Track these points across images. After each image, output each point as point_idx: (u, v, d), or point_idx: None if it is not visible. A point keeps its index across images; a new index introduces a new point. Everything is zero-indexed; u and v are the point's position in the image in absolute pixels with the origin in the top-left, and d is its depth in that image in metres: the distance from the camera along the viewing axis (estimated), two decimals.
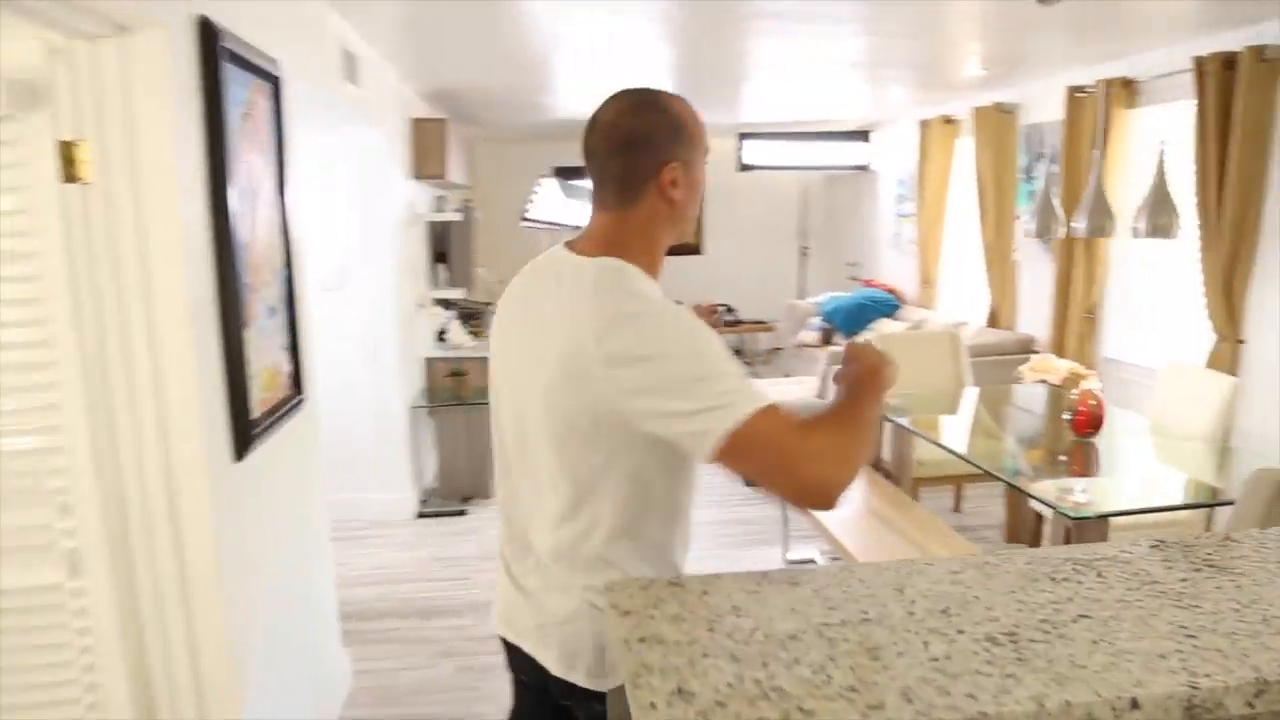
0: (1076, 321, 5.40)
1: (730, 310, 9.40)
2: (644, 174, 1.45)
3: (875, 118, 8.34)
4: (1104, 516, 2.81)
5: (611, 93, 1.51)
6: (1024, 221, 5.99)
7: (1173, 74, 4.63)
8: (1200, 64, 4.33)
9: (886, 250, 8.52)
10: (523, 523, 1.49)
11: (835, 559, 4.29)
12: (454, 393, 5.24)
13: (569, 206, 6.62)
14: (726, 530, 4.74)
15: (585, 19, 3.74)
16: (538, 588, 1.47)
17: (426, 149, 5.34)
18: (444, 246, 6.12)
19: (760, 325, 9.36)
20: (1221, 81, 4.25)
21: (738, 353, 9.57)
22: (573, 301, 1.35)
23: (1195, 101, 4.39)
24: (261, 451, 2.33)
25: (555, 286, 1.41)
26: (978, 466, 3.44)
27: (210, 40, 2.05)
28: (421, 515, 4.97)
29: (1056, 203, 3.82)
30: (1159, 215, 3.37)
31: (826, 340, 7.71)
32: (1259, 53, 4.10)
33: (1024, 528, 4.46)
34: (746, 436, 1.25)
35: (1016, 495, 4.44)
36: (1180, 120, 4.73)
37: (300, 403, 2.70)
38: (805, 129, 8.83)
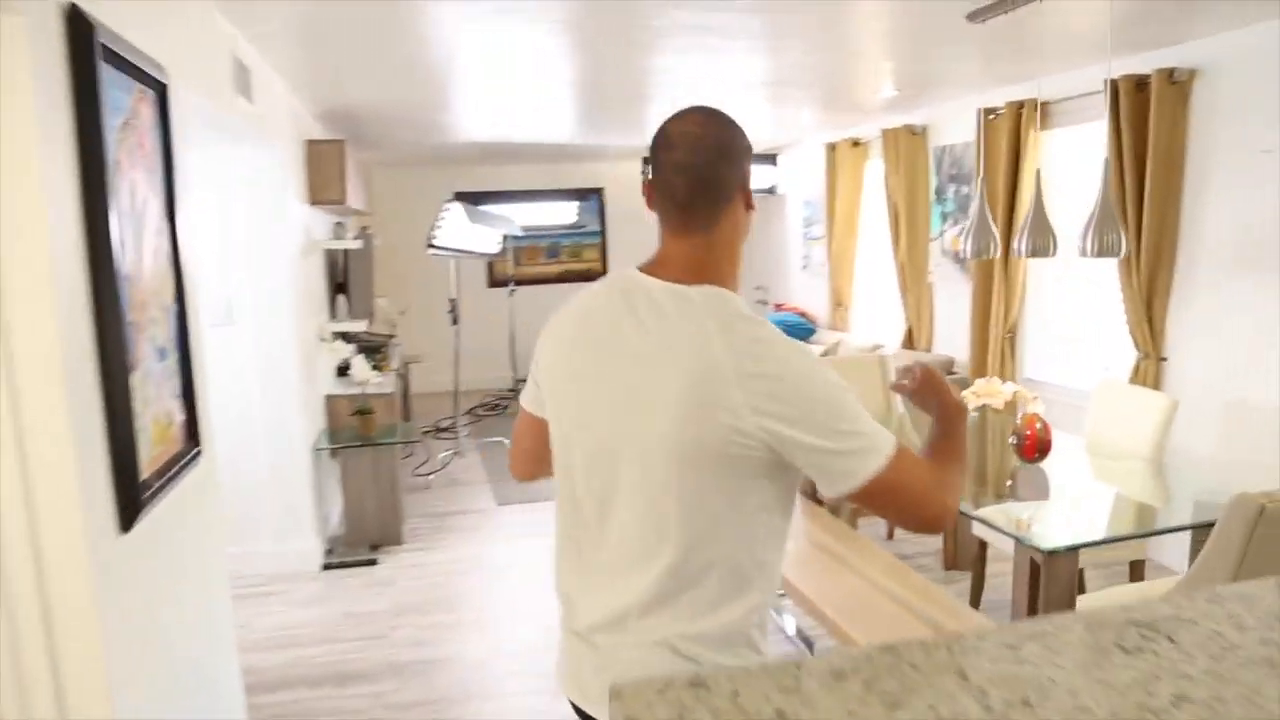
0: (997, 342, 5.40)
1: None
2: (730, 190, 1.38)
3: (781, 140, 8.32)
4: (1075, 548, 2.69)
5: (684, 109, 1.43)
6: (943, 242, 6.01)
7: (1084, 95, 4.67)
8: (1112, 86, 4.37)
9: (796, 273, 8.49)
10: (604, 572, 1.38)
11: (780, 594, 4.09)
12: (359, 432, 4.87)
13: (476, 233, 6.32)
14: None
15: (485, 28, 3.49)
16: (620, 643, 1.36)
17: (324, 172, 4.98)
18: (343, 276, 5.75)
19: None
20: (1135, 103, 4.29)
21: None
22: (694, 333, 1.29)
23: (1109, 122, 4.43)
24: (153, 518, 1.98)
25: (657, 318, 1.33)
26: None
27: (83, 34, 1.73)
28: (328, 567, 4.57)
29: (993, 222, 3.73)
30: (1105, 232, 3.31)
31: None
32: (1168, 75, 4.16)
33: (964, 555, 4.36)
34: (889, 480, 1.28)
35: (955, 521, 4.34)
36: (1094, 141, 4.78)
37: (197, 456, 2.35)
38: None
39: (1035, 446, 3.40)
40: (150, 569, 2.03)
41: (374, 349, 6.39)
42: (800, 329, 7.43)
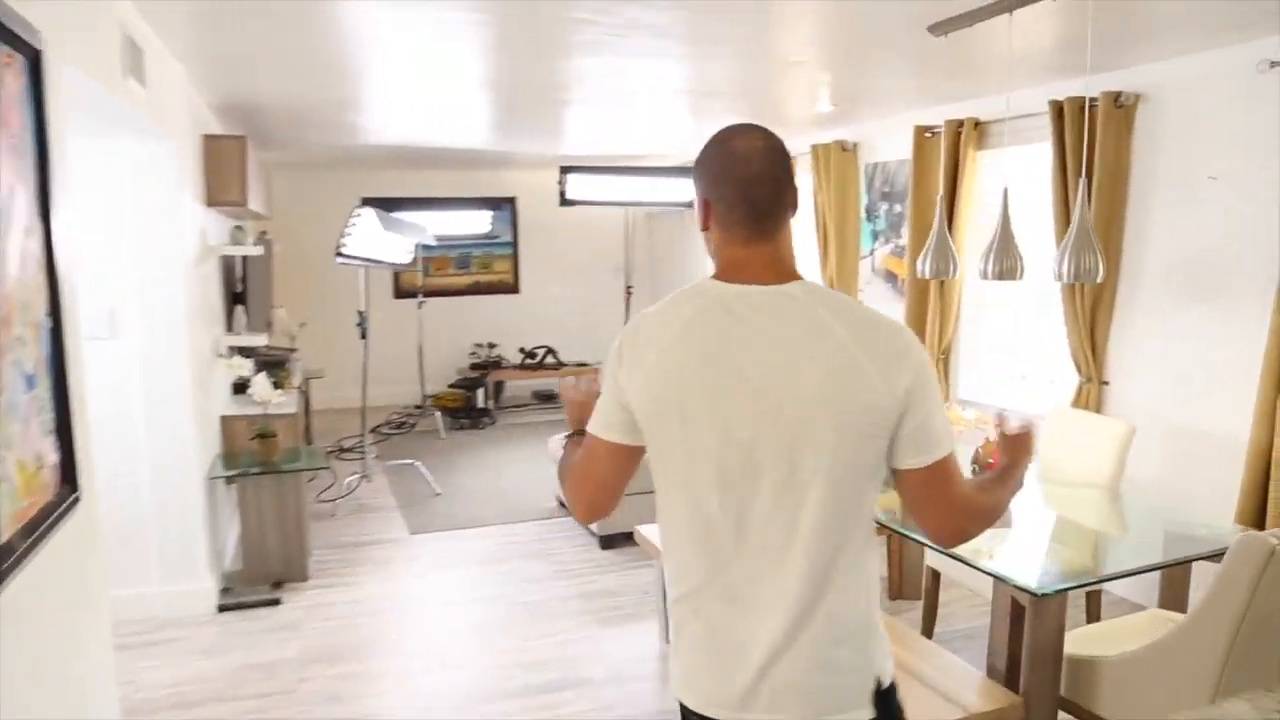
0: (933, 362, 5.27)
1: (552, 353, 8.89)
2: (794, 195, 1.47)
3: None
4: (1065, 590, 2.51)
5: (732, 126, 1.49)
6: (874, 260, 5.89)
7: (1026, 116, 4.60)
8: (1056, 107, 4.31)
9: None
10: (750, 583, 1.40)
11: None
12: (260, 458, 4.42)
13: (388, 241, 5.91)
14: (589, 605, 4.20)
15: (396, 17, 3.16)
16: (792, 657, 1.40)
17: (223, 170, 4.53)
18: (241, 286, 5.27)
19: (584, 367, 8.90)
20: (1079, 126, 4.22)
21: (552, 397, 9.06)
22: (813, 323, 1.37)
23: (1051, 144, 4.36)
24: (16, 589, 1.59)
25: (768, 319, 1.38)
26: (888, 528, 3.11)
27: None
28: (225, 608, 4.11)
29: (952, 243, 3.58)
30: (1083, 256, 3.20)
31: None
32: (1114, 98, 4.10)
33: (911, 583, 4.20)
34: (950, 466, 1.40)
35: (900, 549, 4.18)
36: (1033, 162, 4.71)
37: (74, 503, 1.95)
38: (630, 163, 8.52)
39: None
40: (12, 649, 1.63)
41: (275, 365, 5.91)
42: None
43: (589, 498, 1.53)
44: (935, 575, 3.77)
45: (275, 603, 4.20)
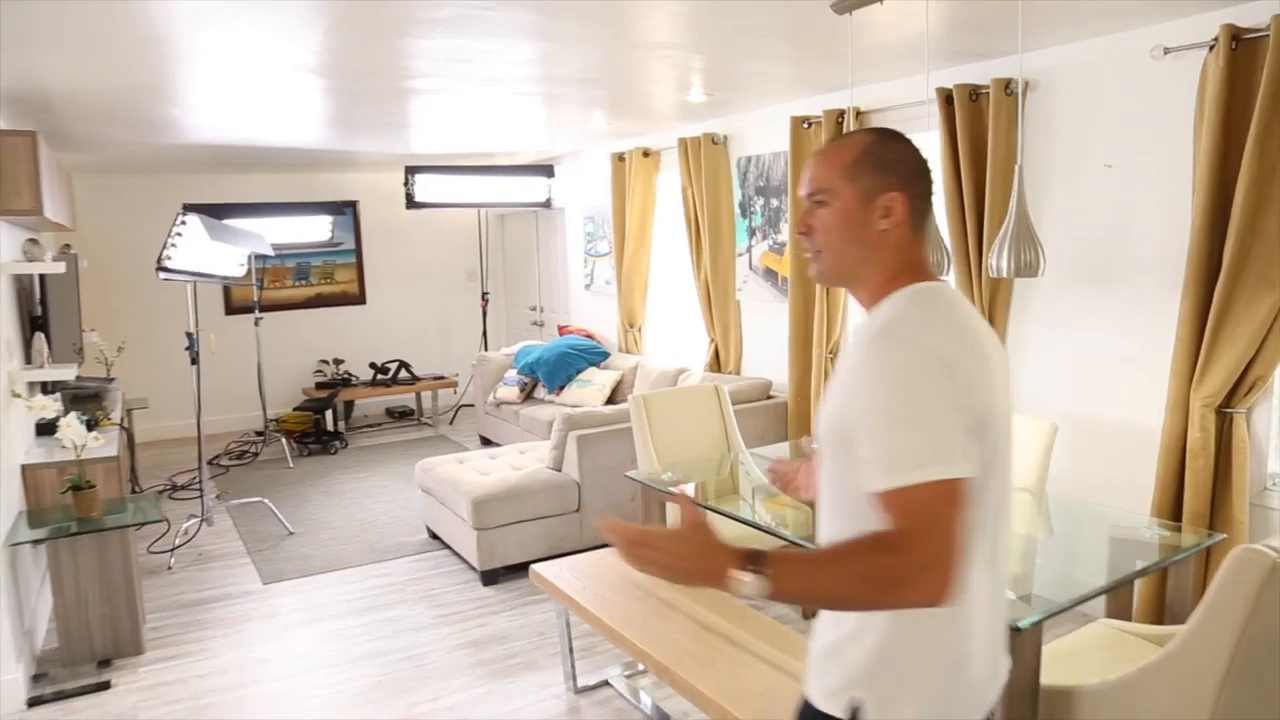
0: (820, 363, 5.10)
1: (405, 367, 8.28)
2: None
3: (559, 150, 7.75)
4: (1038, 621, 2.28)
5: (888, 129, 1.49)
6: (751, 257, 5.65)
7: (912, 105, 4.45)
8: (945, 95, 4.17)
9: (578, 293, 7.94)
10: (1002, 599, 1.44)
11: (632, 675, 3.48)
12: (76, 513, 3.73)
13: (219, 252, 5.22)
14: (482, 655, 3.74)
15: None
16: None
17: (10, 173, 3.79)
18: (41, 309, 4.50)
19: (440, 381, 8.34)
20: (969, 114, 4.10)
21: (407, 414, 8.48)
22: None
23: (941, 133, 4.23)
24: None
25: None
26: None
27: None
28: (38, 701, 3.41)
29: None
30: (1023, 250, 3.00)
31: (529, 395, 6.92)
32: (1004, 85, 3.99)
33: None
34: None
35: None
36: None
37: None
38: (481, 162, 8.03)
39: None
40: None
41: (88, 398, 5.13)
42: (593, 353, 6.87)
43: (958, 566, 1.20)
44: None
45: (104, 686, 3.53)
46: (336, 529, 5.38)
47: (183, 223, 4.90)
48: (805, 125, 5.07)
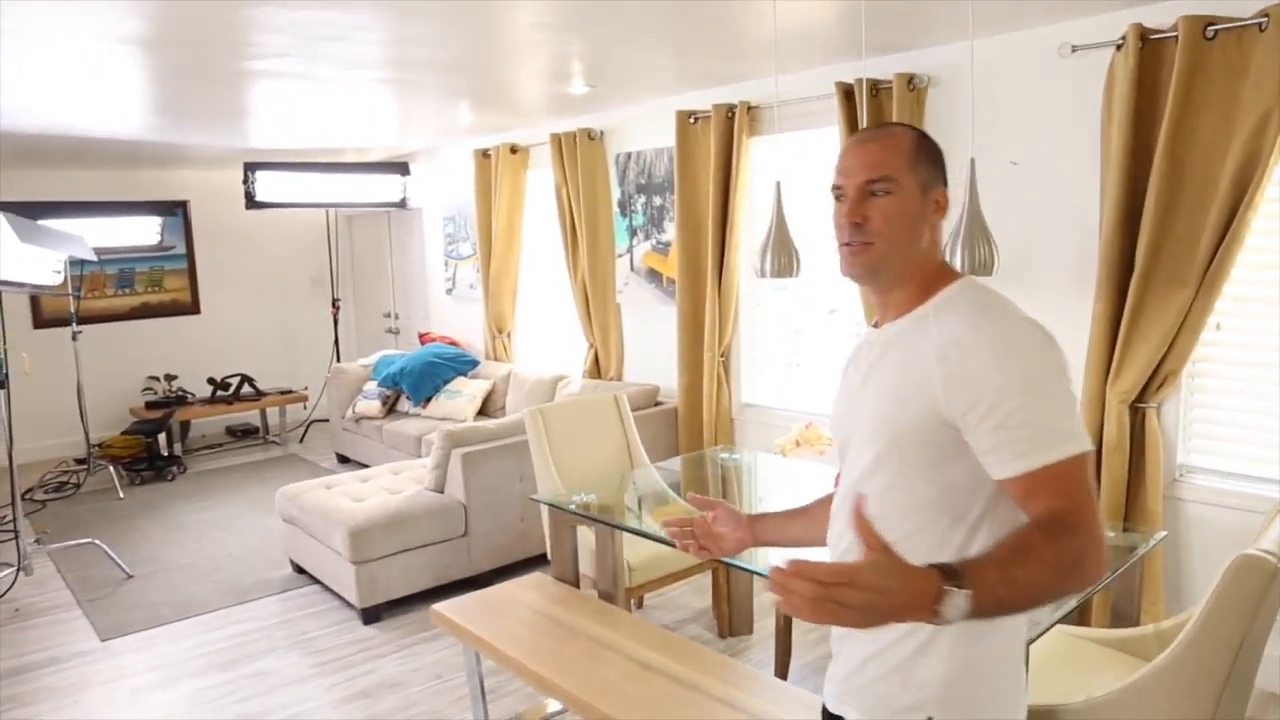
0: (711, 365, 4.91)
1: (248, 381, 7.58)
2: None
3: (413, 146, 7.27)
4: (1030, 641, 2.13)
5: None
6: (633, 258, 5.40)
7: (811, 99, 4.32)
8: (845, 90, 4.05)
9: (439, 298, 7.48)
10: None
11: (557, 715, 3.16)
12: None
13: (31, 257, 4.52)
14: (378, 708, 3.32)
15: None
16: None
17: None
18: None
19: (289, 395, 7.69)
20: (871, 109, 4.00)
21: (251, 432, 7.79)
22: None
23: (841, 129, 4.11)
24: None
25: None
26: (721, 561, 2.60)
27: None
28: None
29: (792, 238, 3.14)
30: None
31: (391, 408, 6.44)
32: (908, 81, 3.91)
33: (743, 617, 3.76)
34: None
35: (728, 580, 3.73)
36: (816, 148, 4.46)
37: None
38: (331, 159, 7.44)
39: None
40: None
41: None
42: (460, 361, 6.46)
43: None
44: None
45: None
46: (184, 569, 4.76)
47: None
48: (692, 120, 4.87)
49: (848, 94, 4.06)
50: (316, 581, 4.43)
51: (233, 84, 4.27)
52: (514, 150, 6.20)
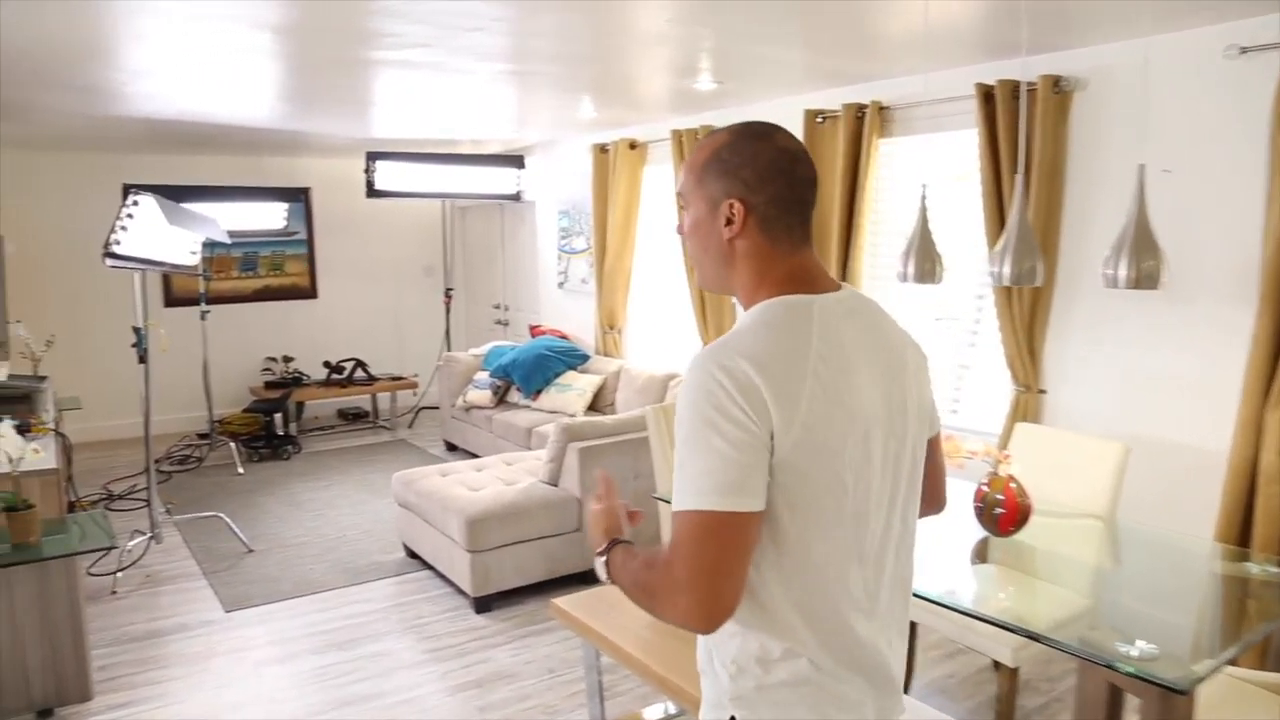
0: None
1: (361, 366, 7.76)
2: None
3: (530, 140, 7.32)
4: (1199, 680, 1.98)
5: (760, 123, 1.37)
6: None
7: (944, 101, 4.17)
8: (984, 91, 3.89)
9: (550, 291, 7.52)
10: (887, 598, 1.36)
11: (676, 718, 3.12)
12: (12, 539, 3.20)
13: (173, 238, 4.69)
14: (490, 699, 3.33)
15: None
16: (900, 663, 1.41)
17: None
18: None
19: (399, 381, 7.84)
20: (1010, 112, 3.83)
21: (362, 416, 7.96)
22: (900, 332, 1.40)
23: (979, 133, 3.95)
24: None
25: (884, 328, 1.38)
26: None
27: None
28: None
29: (935, 244, 3.03)
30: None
31: (502, 399, 6.49)
32: (1054, 83, 3.73)
33: None
34: None
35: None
36: (946, 152, 4.31)
37: None
38: (443, 149, 7.54)
39: (1015, 517, 2.73)
40: None
41: (18, 400, 4.56)
42: (572, 355, 6.47)
43: (729, 595, 1.20)
44: (910, 628, 3.22)
45: None
46: (301, 546, 4.88)
47: (134, 203, 4.36)
48: (820, 120, 4.76)
49: (987, 96, 3.91)
50: (429, 567, 4.49)
51: (361, 74, 4.34)
52: (633, 146, 6.18)
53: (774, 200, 1.30)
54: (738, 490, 1.18)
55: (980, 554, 2.96)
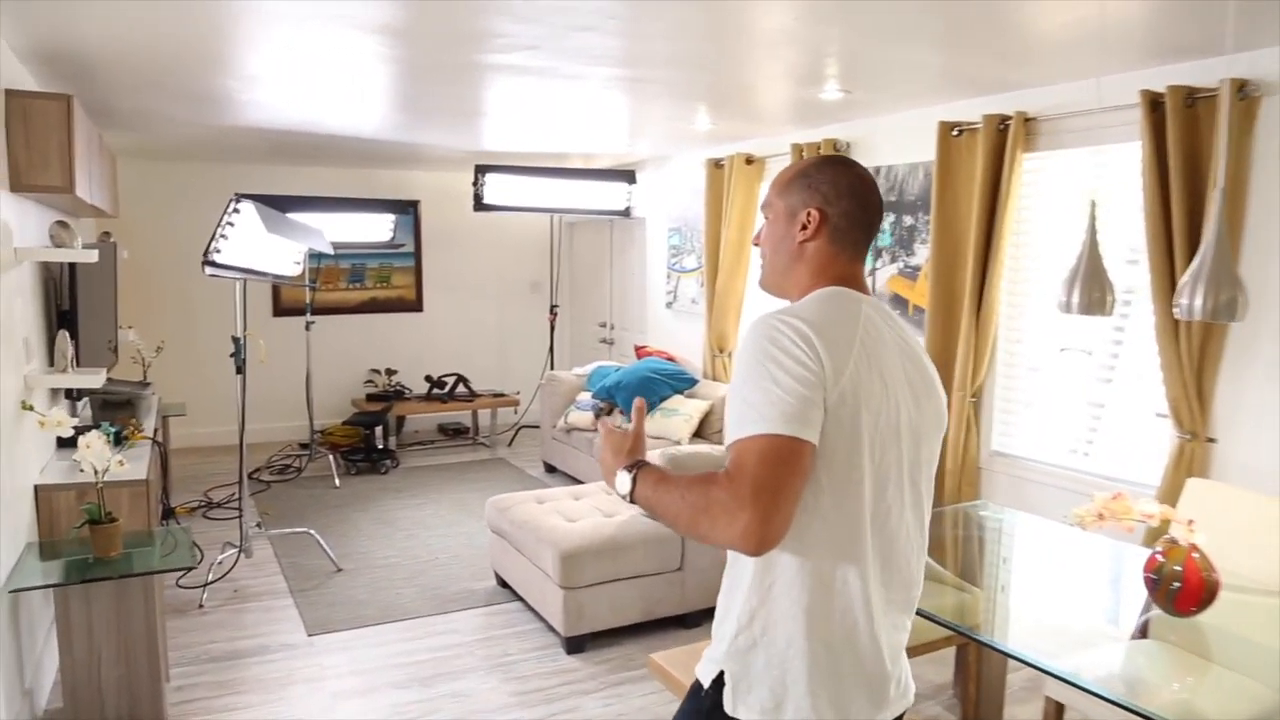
0: (961, 406, 4.36)
1: (463, 381, 7.64)
2: None
3: (643, 155, 7.09)
4: None
5: (843, 157, 1.61)
6: (875, 281, 4.92)
7: (1098, 111, 3.73)
8: (1151, 99, 3.45)
9: (658, 311, 7.25)
10: (907, 579, 1.49)
11: None
12: (95, 553, 3.08)
13: (274, 247, 4.60)
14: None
15: None
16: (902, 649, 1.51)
17: (37, 141, 3.19)
18: (69, 303, 3.89)
19: (500, 398, 7.69)
20: (1183, 122, 3.37)
21: (462, 432, 7.83)
22: (923, 351, 1.54)
23: (1144, 145, 3.50)
24: None
25: (910, 338, 1.51)
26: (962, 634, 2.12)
27: None
28: None
29: (1106, 269, 2.63)
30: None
31: None
32: (1239, 88, 3.26)
33: (989, 701, 3.22)
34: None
35: (974, 660, 3.21)
36: (1086, 167, 3.86)
37: None
38: (554, 164, 7.38)
39: (1197, 595, 2.29)
40: None
41: (119, 406, 4.52)
42: (679, 379, 6.17)
43: (783, 519, 1.28)
44: (1059, 709, 2.80)
45: None
46: (390, 567, 4.71)
47: (235, 211, 4.28)
48: (955, 132, 4.36)
49: (1154, 103, 3.46)
50: (520, 599, 4.24)
51: (471, 80, 4.15)
52: (749, 161, 5.87)
53: (846, 214, 1.48)
54: (801, 421, 1.29)
55: (1143, 628, 2.54)
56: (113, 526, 3.11)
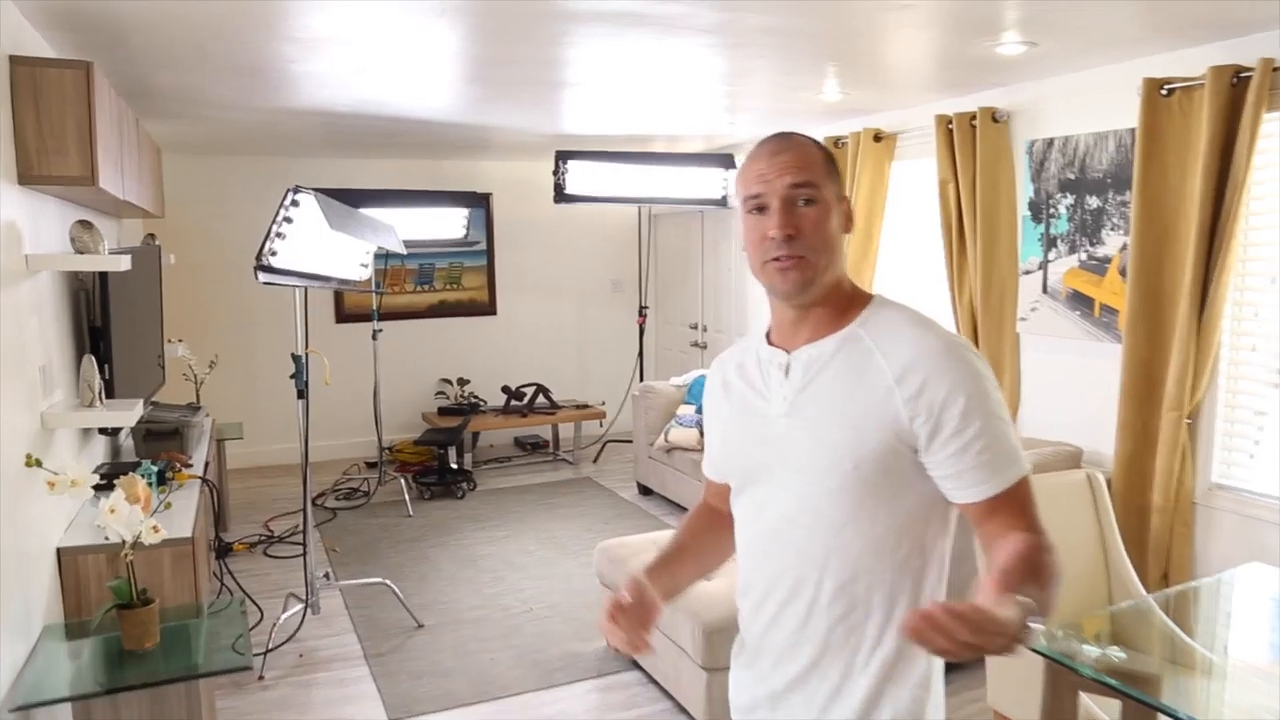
0: (1171, 429, 3.52)
1: (543, 392, 6.93)
2: None
3: (742, 136, 6.30)
4: None
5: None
6: (1046, 276, 4.08)
7: None
8: None
9: (759, 310, 6.46)
10: None
11: None
12: (123, 643, 2.41)
13: (338, 247, 3.92)
14: None
15: None
16: None
17: (51, 119, 2.53)
18: (99, 319, 3.24)
19: (585, 410, 6.97)
20: None
21: (542, 446, 7.13)
22: None
23: None
24: None
25: None
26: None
27: None
28: None
29: None
30: None
31: None
32: None
33: None
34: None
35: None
36: None
37: None
38: (637, 148, 6.62)
39: None
40: None
41: (164, 437, 3.88)
42: None
43: None
44: None
45: None
46: (478, 623, 4.01)
47: (293, 204, 3.59)
48: (1164, 91, 3.51)
49: None
50: (640, 669, 3.50)
51: (552, 36, 3.36)
52: (877, 138, 5.06)
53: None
54: None
55: None
56: (146, 611, 2.43)
